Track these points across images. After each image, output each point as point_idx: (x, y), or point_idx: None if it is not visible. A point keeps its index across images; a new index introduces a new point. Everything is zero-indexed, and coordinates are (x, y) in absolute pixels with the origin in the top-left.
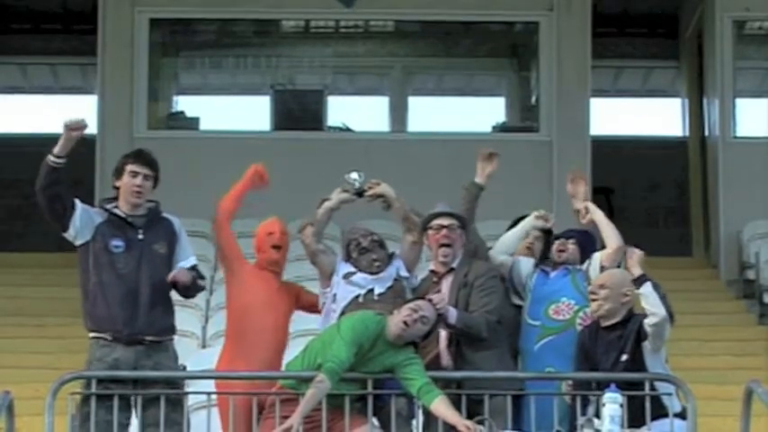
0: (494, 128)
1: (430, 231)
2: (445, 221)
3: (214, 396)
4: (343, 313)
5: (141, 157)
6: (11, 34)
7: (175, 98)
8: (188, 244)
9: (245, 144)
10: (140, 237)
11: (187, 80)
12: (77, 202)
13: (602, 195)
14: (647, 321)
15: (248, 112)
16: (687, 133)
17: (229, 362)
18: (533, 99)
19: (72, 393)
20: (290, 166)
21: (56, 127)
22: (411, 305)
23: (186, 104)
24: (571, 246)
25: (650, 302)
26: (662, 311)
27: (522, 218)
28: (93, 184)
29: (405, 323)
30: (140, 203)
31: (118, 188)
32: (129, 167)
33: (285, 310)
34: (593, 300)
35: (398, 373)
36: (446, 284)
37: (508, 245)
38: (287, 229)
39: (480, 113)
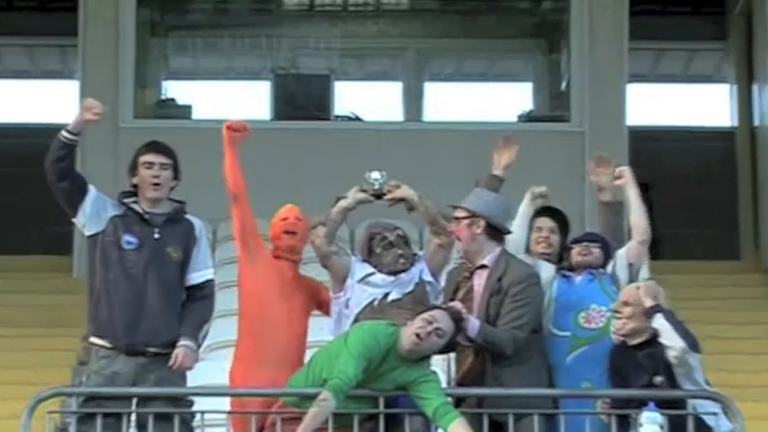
0: (520, 117)
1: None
2: (456, 214)
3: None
4: (356, 320)
5: (154, 145)
6: None
7: (165, 84)
8: (208, 252)
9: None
10: (156, 236)
11: (178, 63)
12: (91, 187)
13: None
14: (669, 353)
15: (246, 100)
16: (735, 123)
17: (244, 358)
18: (564, 85)
19: (50, 412)
20: (293, 159)
21: (32, 116)
22: (425, 315)
23: (177, 91)
24: (595, 249)
25: (665, 336)
26: (678, 343)
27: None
28: None
29: (417, 336)
30: (161, 197)
31: (136, 186)
32: (143, 159)
33: (301, 303)
34: (617, 318)
35: (412, 391)
36: (478, 280)
37: (517, 239)
38: (302, 216)
39: (504, 101)
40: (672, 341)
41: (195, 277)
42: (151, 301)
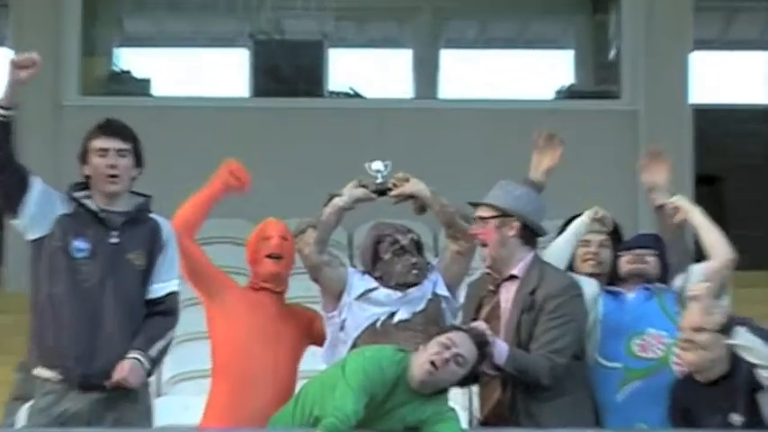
0: (558, 93)
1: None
2: (476, 214)
3: None
4: (355, 346)
5: (108, 126)
6: None
7: (118, 52)
8: (176, 260)
9: (215, 116)
10: (113, 240)
11: (135, 27)
12: (36, 180)
13: (706, 186)
14: (762, 374)
15: (219, 72)
16: None
17: (219, 419)
18: (612, 53)
19: None
20: (278, 145)
21: None
22: (441, 339)
23: (134, 61)
24: (651, 258)
25: (757, 354)
26: None
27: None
28: None
29: (432, 364)
30: (120, 191)
31: (89, 177)
32: (95, 144)
33: (290, 346)
34: (686, 348)
35: (427, 431)
36: (506, 295)
37: (559, 256)
38: (290, 233)
39: (539, 73)
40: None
41: (156, 290)
42: (109, 321)
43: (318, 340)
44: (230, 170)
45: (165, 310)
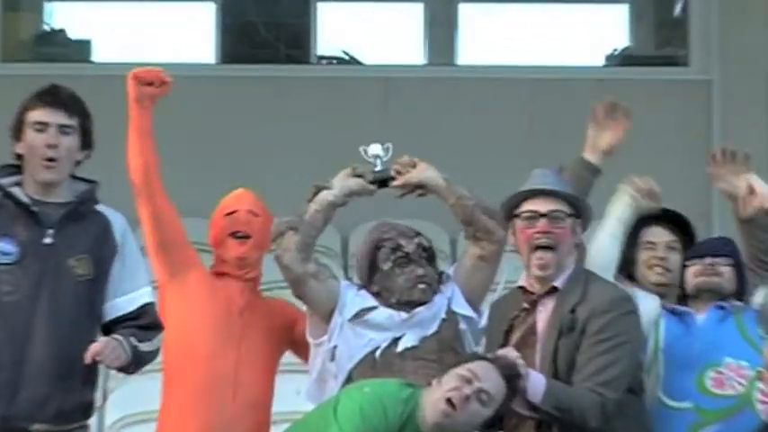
0: (608, 59)
1: (518, 222)
2: (544, 206)
3: None
4: (350, 379)
5: (51, 95)
6: None
7: (49, 6)
8: (140, 264)
9: (173, 87)
10: (48, 240)
11: None
12: None
13: None
14: None
15: (179, 33)
16: None
17: None
18: (678, 9)
19: None
20: (253, 124)
21: None
22: (461, 371)
23: (70, 18)
24: (725, 268)
25: None
26: None
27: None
28: None
29: (449, 403)
30: (56, 180)
31: (21, 157)
32: (32, 115)
33: (261, 349)
34: None
35: None
36: (544, 314)
37: (605, 254)
38: (262, 207)
39: (584, 34)
40: None
41: (122, 304)
42: (39, 346)
43: (302, 349)
44: (136, 78)
45: (145, 325)
